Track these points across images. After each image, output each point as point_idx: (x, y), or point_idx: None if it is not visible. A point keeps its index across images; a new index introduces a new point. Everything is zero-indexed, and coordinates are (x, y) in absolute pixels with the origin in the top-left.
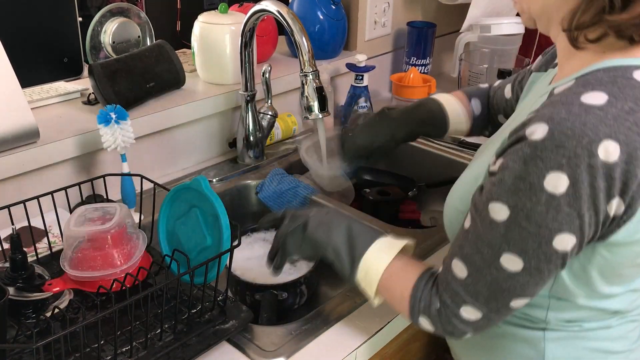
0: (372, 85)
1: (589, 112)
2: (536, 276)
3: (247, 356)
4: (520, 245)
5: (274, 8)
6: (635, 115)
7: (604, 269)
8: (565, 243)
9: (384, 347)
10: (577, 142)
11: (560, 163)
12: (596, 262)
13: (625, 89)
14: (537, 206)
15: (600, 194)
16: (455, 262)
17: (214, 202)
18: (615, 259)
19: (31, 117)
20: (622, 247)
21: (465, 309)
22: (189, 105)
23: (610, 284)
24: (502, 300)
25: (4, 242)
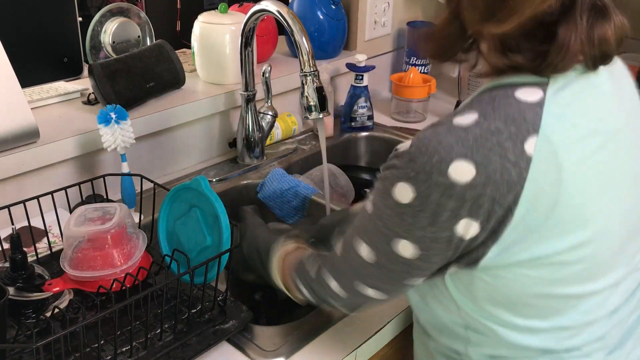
0: (372, 85)
1: (451, 132)
2: (384, 273)
3: (247, 356)
4: (373, 239)
5: (274, 8)
6: (500, 136)
7: (495, 296)
8: (406, 250)
9: (384, 347)
10: (427, 159)
11: (408, 175)
12: (481, 287)
13: (500, 108)
14: (386, 209)
15: (447, 212)
16: (340, 240)
17: (214, 202)
18: (501, 284)
19: (31, 117)
20: (501, 271)
21: (333, 283)
22: (189, 105)
23: (520, 315)
24: (358, 284)
25: (4, 242)
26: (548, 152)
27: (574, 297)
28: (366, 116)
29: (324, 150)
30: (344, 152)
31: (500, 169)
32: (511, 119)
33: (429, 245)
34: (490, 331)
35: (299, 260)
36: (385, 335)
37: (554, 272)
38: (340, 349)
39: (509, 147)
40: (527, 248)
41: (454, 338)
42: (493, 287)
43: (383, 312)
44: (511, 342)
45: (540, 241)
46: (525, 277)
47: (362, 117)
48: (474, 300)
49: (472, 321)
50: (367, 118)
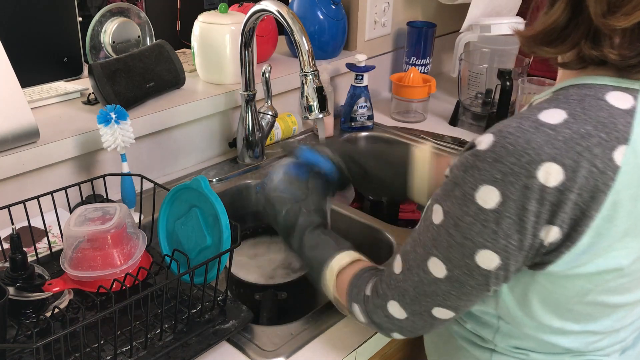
0: (372, 85)
1: (539, 130)
2: (458, 288)
3: (247, 356)
4: (446, 252)
5: (274, 8)
6: (589, 140)
7: (547, 300)
8: (488, 261)
9: (384, 347)
10: (516, 159)
11: (494, 177)
12: (536, 290)
13: (590, 110)
14: (465, 216)
15: (532, 217)
16: (397, 257)
17: (213, 202)
18: (558, 291)
19: (31, 117)
20: (562, 279)
21: (392, 304)
22: (189, 105)
23: (560, 318)
24: (425, 305)
25: (4, 242)
26: (634, 164)
27: (612, 306)
28: (366, 116)
29: None
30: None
31: (587, 174)
32: (602, 124)
33: (511, 254)
34: (524, 326)
35: (354, 274)
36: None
37: (606, 283)
38: (340, 349)
39: (598, 153)
40: (595, 260)
41: (483, 326)
42: (549, 292)
43: None
44: (541, 339)
45: (607, 253)
46: (583, 288)
47: (362, 117)
48: (524, 300)
49: (509, 316)
50: (367, 118)
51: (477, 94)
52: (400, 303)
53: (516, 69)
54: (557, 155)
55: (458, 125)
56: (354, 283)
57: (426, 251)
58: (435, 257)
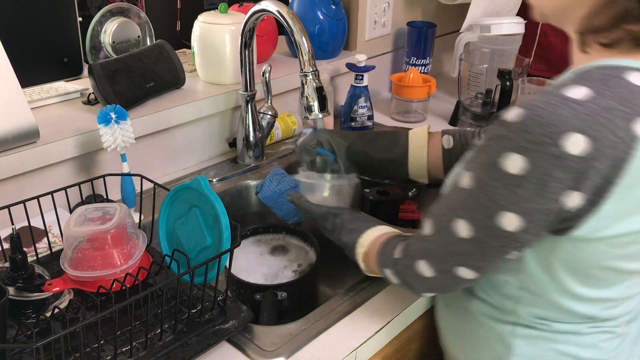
0: (372, 85)
1: (566, 104)
2: (481, 249)
3: (247, 356)
4: (472, 214)
5: (274, 8)
6: (613, 113)
7: (569, 264)
8: (509, 223)
9: (384, 347)
10: (543, 130)
11: (521, 146)
12: (559, 255)
13: (613, 87)
14: (492, 181)
15: (556, 183)
16: (426, 220)
17: (213, 202)
18: (580, 255)
19: (31, 117)
20: (585, 243)
21: (420, 263)
22: (189, 105)
23: (582, 284)
24: (450, 264)
25: (4, 242)
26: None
27: (627, 272)
28: (366, 116)
29: None
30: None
31: (611, 144)
32: (624, 100)
33: (534, 217)
34: (545, 294)
35: (383, 242)
36: (385, 335)
37: (628, 248)
38: (340, 349)
39: (620, 125)
40: (617, 224)
41: (504, 297)
42: (572, 255)
43: (383, 312)
44: (561, 306)
45: (630, 218)
46: (603, 252)
47: (362, 117)
48: (547, 265)
49: (532, 284)
50: (367, 118)
51: (477, 94)
52: (428, 262)
53: (516, 69)
54: (583, 127)
55: (458, 125)
56: (382, 251)
57: (453, 213)
58: (462, 218)
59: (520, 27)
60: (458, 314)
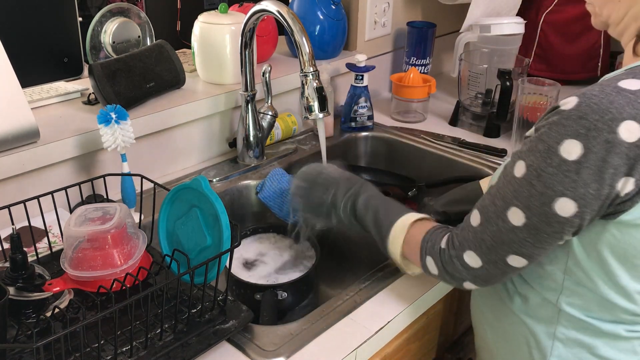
0: (372, 85)
1: (620, 94)
2: (534, 235)
3: (247, 356)
4: (527, 202)
5: (274, 8)
6: None
7: (616, 249)
8: (566, 208)
9: (384, 347)
10: (599, 117)
11: (578, 132)
12: (606, 239)
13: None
14: (548, 167)
15: (611, 169)
16: (474, 212)
17: (213, 202)
18: (626, 240)
19: (31, 117)
20: (632, 228)
21: (468, 253)
22: (189, 105)
23: (627, 273)
24: (501, 253)
25: (4, 242)
26: None
27: None
28: (366, 116)
29: (323, 150)
30: (344, 152)
31: None
32: None
33: (588, 202)
34: (590, 282)
35: (427, 231)
36: (385, 335)
37: None
38: (340, 349)
39: None
40: None
41: (548, 290)
42: (618, 241)
43: (383, 312)
44: (606, 298)
45: None
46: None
47: (362, 117)
48: (593, 249)
49: (577, 270)
50: (367, 118)
51: (477, 94)
52: (477, 252)
53: (516, 69)
54: (637, 115)
55: (458, 125)
56: (428, 238)
57: (506, 202)
58: (515, 206)
59: (520, 27)
60: (496, 310)
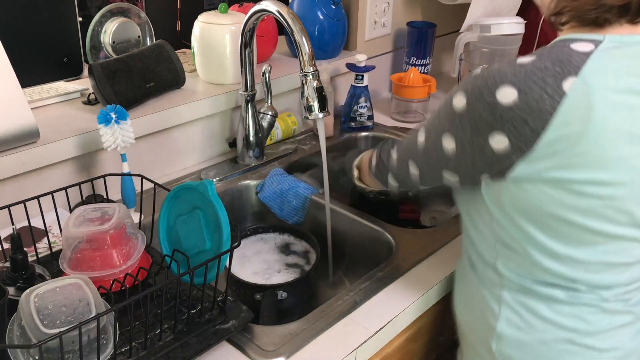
0: (372, 85)
1: (511, 65)
2: (426, 155)
3: (247, 356)
4: (429, 128)
5: (274, 8)
6: (545, 72)
7: (520, 206)
8: (448, 144)
9: (384, 347)
10: (484, 81)
11: (467, 89)
12: (507, 195)
13: (554, 53)
14: (444, 109)
15: (484, 124)
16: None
17: (217, 210)
18: (524, 197)
19: (31, 117)
20: (525, 184)
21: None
22: (189, 105)
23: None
24: (406, 157)
25: (4, 242)
26: (583, 92)
27: (590, 231)
28: (366, 116)
29: (323, 150)
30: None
31: (538, 98)
32: (559, 61)
33: (465, 146)
34: (515, 243)
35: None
36: (385, 335)
37: (571, 198)
38: (340, 349)
39: (550, 82)
40: (550, 169)
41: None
42: (517, 196)
43: (384, 311)
44: (532, 259)
45: (563, 166)
46: (545, 195)
47: (362, 117)
48: (502, 207)
49: (502, 232)
50: (367, 118)
51: None
52: (397, 151)
53: None
54: (516, 82)
55: None
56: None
57: (421, 127)
58: (423, 129)
59: (520, 27)
60: (464, 285)
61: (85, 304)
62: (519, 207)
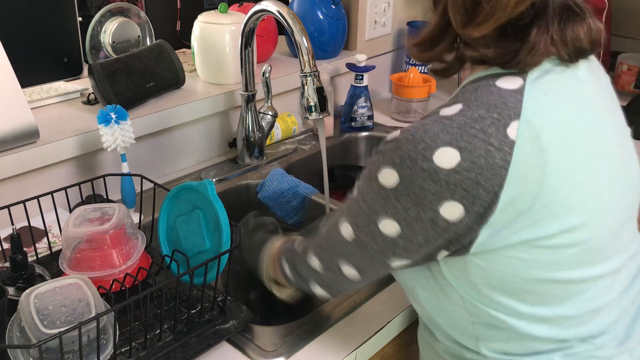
0: (372, 85)
1: (437, 122)
2: (363, 250)
3: (247, 356)
4: (355, 218)
5: (274, 8)
6: (483, 122)
7: (490, 279)
8: (389, 228)
9: (384, 347)
10: (413, 147)
11: (394, 161)
12: (475, 272)
13: (482, 96)
14: (370, 192)
15: (429, 195)
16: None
17: (217, 210)
18: (496, 268)
19: (31, 117)
20: (492, 254)
21: (311, 257)
22: (189, 105)
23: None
24: (335, 261)
25: (4, 242)
26: (530, 135)
27: (574, 282)
28: (366, 116)
29: (323, 150)
30: (344, 152)
31: (484, 154)
32: (493, 106)
33: (411, 224)
34: (497, 321)
35: (288, 244)
36: (385, 335)
37: (548, 255)
38: (340, 349)
39: (492, 132)
40: (518, 231)
41: (463, 335)
42: (487, 271)
43: (383, 312)
44: (519, 332)
45: (530, 225)
46: (518, 261)
47: (362, 117)
48: (473, 286)
49: (479, 312)
50: (367, 118)
51: None
52: (319, 258)
53: None
54: (453, 140)
55: None
56: (287, 246)
57: (342, 216)
58: (346, 221)
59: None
60: (428, 351)
61: (85, 304)
62: (492, 281)
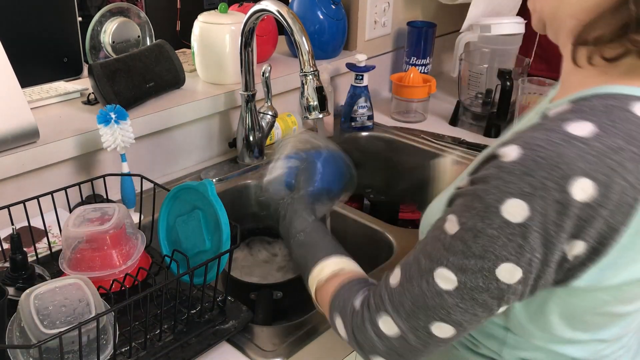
0: (372, 85)
1: (570, 143)
2: (467, 302)
3: (247, 356)
4: (460, 264)
5: (274, 8)
6: (621, 155)
7: (566, 313)
8: (509, 275)
9: None
10: (547, 174)
11: (523, 191)
12: (555, 303)
13: (619, 122)
14: (488, 229)
15: (563, 233)
16: (395, 269)
17: (217, 209)
18: (575, 303)
19: (31, 117)
20: (584, 293)
21: (384, 318)
22: (189, 105)
23: (573, 328)
24: (423, 319)
25: (4, 242)
26: None
27: (623, 315)
28: (366, 116)
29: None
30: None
31: (620, 190)
32: (632, 138)
33: (534, 268)
34: (532, 337)
35: (343, 283)
36: None
37: (625, 294)
38: (340, 349)
39: (630, 168)
40: (621, 272)
41: (489, 338)
42: (566, 303)
43: None
44: (550, 350)
45: (631, 265)
46: (604, 300)
47: (362, 117)
48: (540, 314)
49: (518, 327)
50: (367, 118)
51: (477, 94)
52: (394, 317)
53: (516, 69)
54: (590, 170)
55: (458, 125)
56: (341, 294)
57: (433, 262)
58: (445, 267)
59: (520, 27)
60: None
61: (85, 304)
62: (562, 311)
